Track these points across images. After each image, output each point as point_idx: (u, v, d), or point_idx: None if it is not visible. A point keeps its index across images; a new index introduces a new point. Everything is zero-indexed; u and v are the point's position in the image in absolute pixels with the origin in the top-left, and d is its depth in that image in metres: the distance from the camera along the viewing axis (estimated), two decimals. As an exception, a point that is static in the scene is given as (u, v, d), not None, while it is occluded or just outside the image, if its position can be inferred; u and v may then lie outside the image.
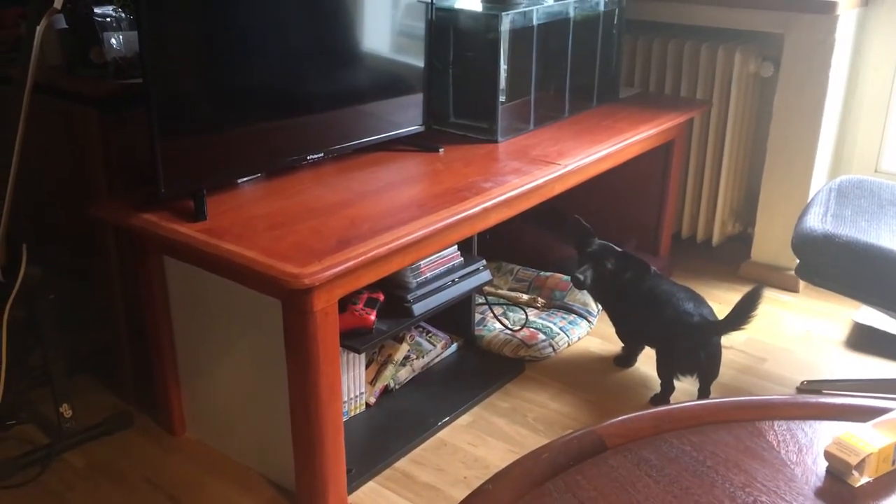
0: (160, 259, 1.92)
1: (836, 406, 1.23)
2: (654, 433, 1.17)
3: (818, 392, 2.26)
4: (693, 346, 2.08)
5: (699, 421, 1.19)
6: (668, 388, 2.18)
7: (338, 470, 1.79)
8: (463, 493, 1.85)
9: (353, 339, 1.88)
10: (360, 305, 1.91)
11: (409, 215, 1.80)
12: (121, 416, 2.09)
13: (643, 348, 2.36)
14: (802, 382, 2.29)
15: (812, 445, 1.15)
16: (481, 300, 2.53)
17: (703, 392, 2.14)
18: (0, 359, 1.89)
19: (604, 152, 2.29)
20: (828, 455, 1.09)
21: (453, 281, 2.10)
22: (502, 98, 2.35)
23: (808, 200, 2.28)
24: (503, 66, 2.30)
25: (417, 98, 2.28)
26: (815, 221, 2.05)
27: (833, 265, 1.97)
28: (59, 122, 2.04)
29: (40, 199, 2.17)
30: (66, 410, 2.00)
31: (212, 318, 1.90)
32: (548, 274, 2.72)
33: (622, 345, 2.40)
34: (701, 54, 2.82)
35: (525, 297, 2.65)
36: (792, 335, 2.56)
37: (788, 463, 1.11)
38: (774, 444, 1.15)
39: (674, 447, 1.14)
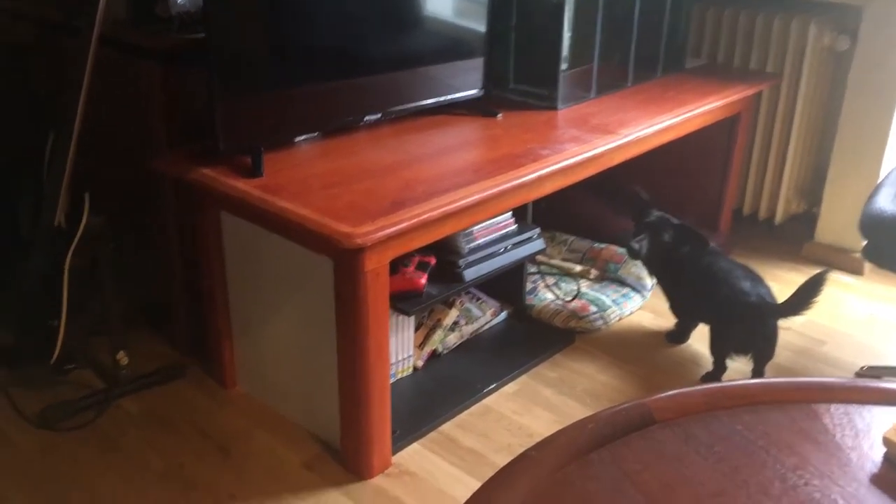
0: (217, 214, 1.94)
1: (898, 392, 1.18)
2: (706, 409, 1.14)
3: (878, 378, 2.19)
4: (749, 326, 2.03)
5: (753, 400, 1.16)
6: (720, 367, 2.14)
7: (383, 430, 1.81)
8: (506, 460, 1.85)
9: (403, 301, 1.88)
10: (412, 268, 1.91)
11: (464, 179, 1.79)
12: (174, 366, 2.13)
13: (697, 325, 2.32)
14: (862, 367, 2.22)
15: (870, 431, 1.11)
16: (533, 269, 2.51)
17: (757, 373, 2.10)
18: (61, 304, 1.94)
19: (666, 123, 2.23)
20: (886, 441, 1.05)
21: (506, 248, 2.08)
22: (564, 65, 2.30)
23: (879, 180, 2.19)
24: (566, 32, 2.25)
25: (478, 62, 2.25)
26: (886, 202, 1.97)
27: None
28: (122, 76, 2.06)
29: (103, 151, 2.20)
30: (122, 358, 2.05)
31: (265, 275, 1.91)
32: (602, 245, 2.68)
33: (675, 320, 2.35)
34: (773, 26, 2.72)
35: (578, 267, 2.61)
36: (854, 319, 2.48)
37: (844, 447, 1.08)
38: (830, 427, 1.12)
39: (725, 425, 1.11)
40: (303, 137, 1.99)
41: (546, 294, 2.45)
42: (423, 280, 1.90)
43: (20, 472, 1.81)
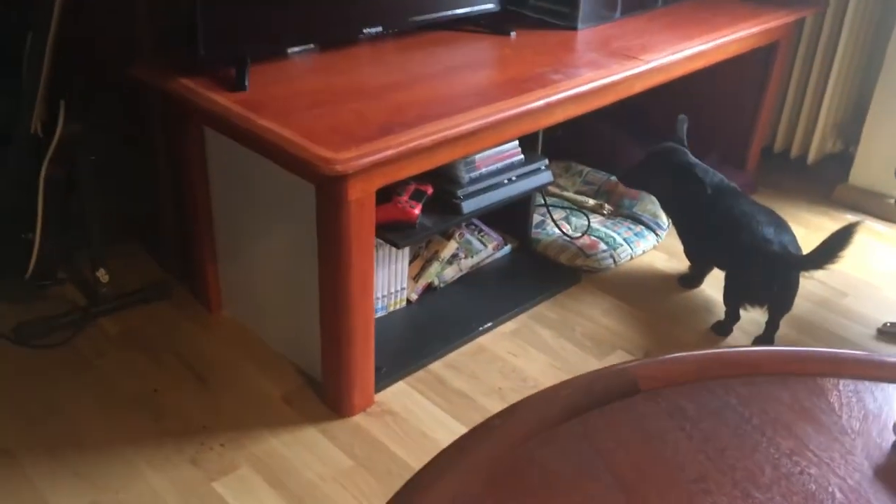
0: (200, 130, 1.82)
1: (918, 370, 1.05)
2: (697, 379, 1.02)
3: (901, 336, 2.05)
4: (769, 277, 1.89)
5: (751, 370, 1.04)
6: (733, 316, 2.01)
7: (366, 368, 1.71)
8: (496, 406, 1.76)
9: (395, 232, 1.76)
10: (406, 197, 1.78)
11: (463, 104, 1.64)
12: (159, 286, 2.05)
13: (711, 269, 2.18)
14: (885, 324, 2.08)
15: (881, 414, 0.99)
16: (542, 202, 2.37)
17: (772, 325, 1.97)
18: (36, 217, 1.85)
19: (693, 51, 2.05)
20: (898, 429, 0.93)
21: (510, 179, 1.94)
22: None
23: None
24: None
25: (493, -27, 2.07)
26: (928, 148, 1.80)
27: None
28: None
29: (86, 55, 2.07)
30: (102, 275, 1.96)
31: (250, 196, 1.80)
32: (619, 179, 2.52)
33: (689, 264, 2.21)
34: (823, -54, 2.49)
35: (591, 202, 2.47)
36: (881, 270, 2.33)
37: (849, 431, 0.96)
38: (836, 406, 0.99)
39: (717, 398, 1.00)
40: (297, 50, 1.84)
41: (554, 229, 2.31)
42: (418, 210, 1.77)
43: (-9, 389, 1.75)
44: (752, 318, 2.03)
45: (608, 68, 1.87)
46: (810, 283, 2.23)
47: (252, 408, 1.74)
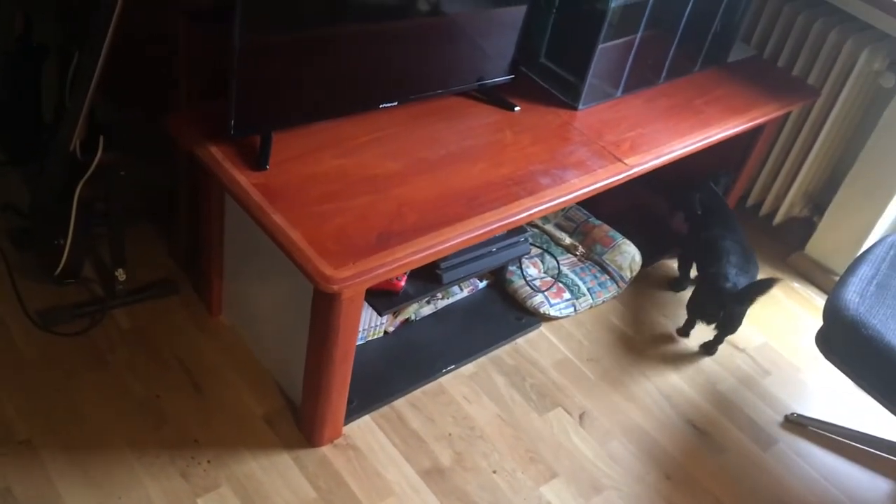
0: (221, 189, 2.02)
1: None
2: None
3: (804, 427, 2.36)
4: (715, 305, 2.36)
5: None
6: (690, 323, 2.52)
7: (338, 409, 2.00)
8: (444, 452, 2.07)
9: (379, 298, 2.02)
10: (394, 269, 2.01)
11: (455, 213, 1.85)
12: (168, 284, 2.30)
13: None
14: (792, 413, 2.38)
15: None
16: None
17: (718, 340, 2.48)
18: (68, 227, 2.08)
19: (679, 152, 2.25)
20: None
21: (491, 252, 2.17)
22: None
23: (861, 252, 2.22)
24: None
25: (510, 46, 2.21)
26: (854, 294, 2.03)
27: (852, 353, 2.00)
28: (147, 16, 2.05)
29: (126, 86, 2.21)
30: (120, 275, 2.21)
31: (260, 245, 2.02)
32: (598, 223, 2.74)
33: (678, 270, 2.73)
34: (828, 38, 2.61)
35: (568, 240, 2.70)
36: (807, 350, 2.59)
37: None
38: None
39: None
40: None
41: (527, 269, 2.55)
42: (403, 282, 2.02)
43: (16, 372, 2.03)
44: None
45: (594, 174, 2.07)
46: (740, 357, 2.52)
47: (237, 424, 2.03)
